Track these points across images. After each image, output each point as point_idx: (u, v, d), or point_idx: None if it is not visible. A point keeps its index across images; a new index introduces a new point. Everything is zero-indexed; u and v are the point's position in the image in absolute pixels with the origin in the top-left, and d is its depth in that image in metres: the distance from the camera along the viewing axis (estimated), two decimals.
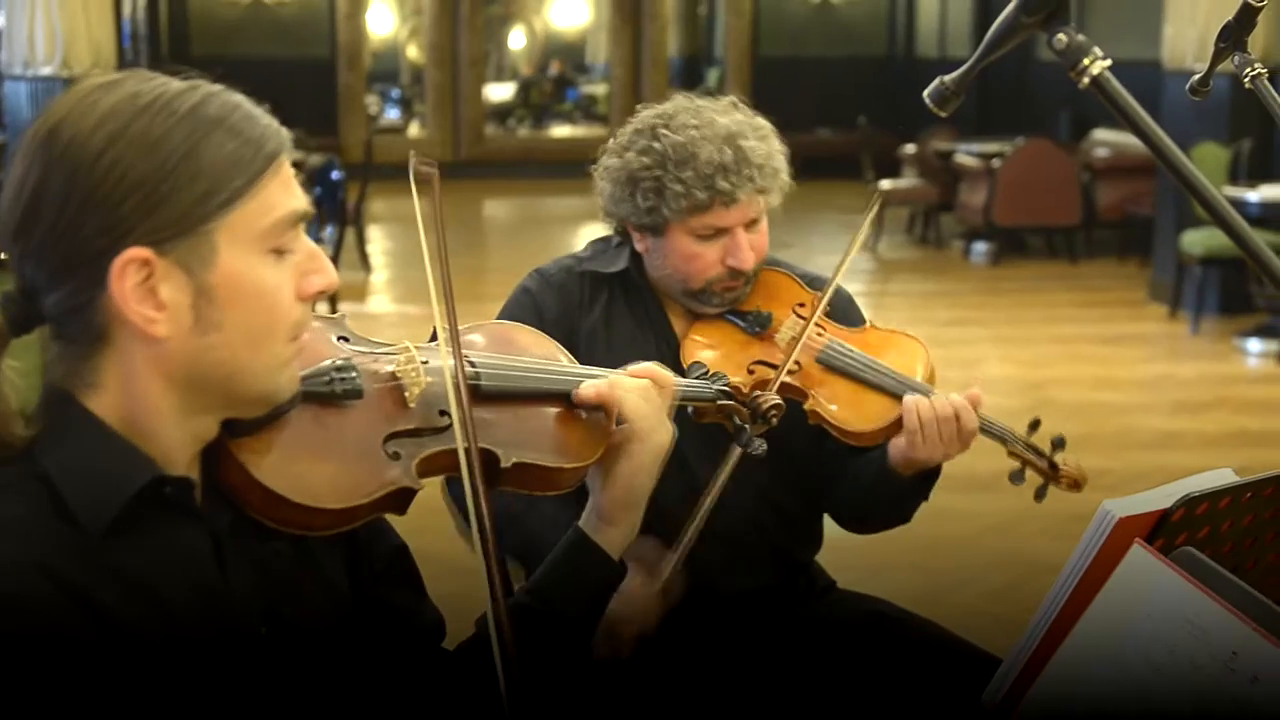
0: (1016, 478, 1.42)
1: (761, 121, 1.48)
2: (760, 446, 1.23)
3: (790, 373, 1.43)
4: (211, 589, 0.82)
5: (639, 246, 1.50)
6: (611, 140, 1.50)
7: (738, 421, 1.24)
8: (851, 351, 1.47)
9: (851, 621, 1.52)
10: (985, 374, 4.95)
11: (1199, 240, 5.48)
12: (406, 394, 0.93)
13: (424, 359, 0.97)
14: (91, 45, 5.55)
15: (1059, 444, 1.42)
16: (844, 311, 1.55)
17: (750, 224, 1.46)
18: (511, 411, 1.00)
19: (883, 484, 1.44)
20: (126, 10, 8.14)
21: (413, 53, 13.80)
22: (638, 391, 1.04)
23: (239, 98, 0.82)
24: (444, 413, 0.94)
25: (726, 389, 1.22)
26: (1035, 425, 1.44)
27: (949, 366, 5.53)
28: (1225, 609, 0.84)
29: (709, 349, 1.49)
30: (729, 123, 1.44)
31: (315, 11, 10.56)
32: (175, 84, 0.81)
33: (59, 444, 0.79)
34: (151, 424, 0.81)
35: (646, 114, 1.49)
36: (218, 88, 0.82)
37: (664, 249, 1.46)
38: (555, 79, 14.30)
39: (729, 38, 11.15)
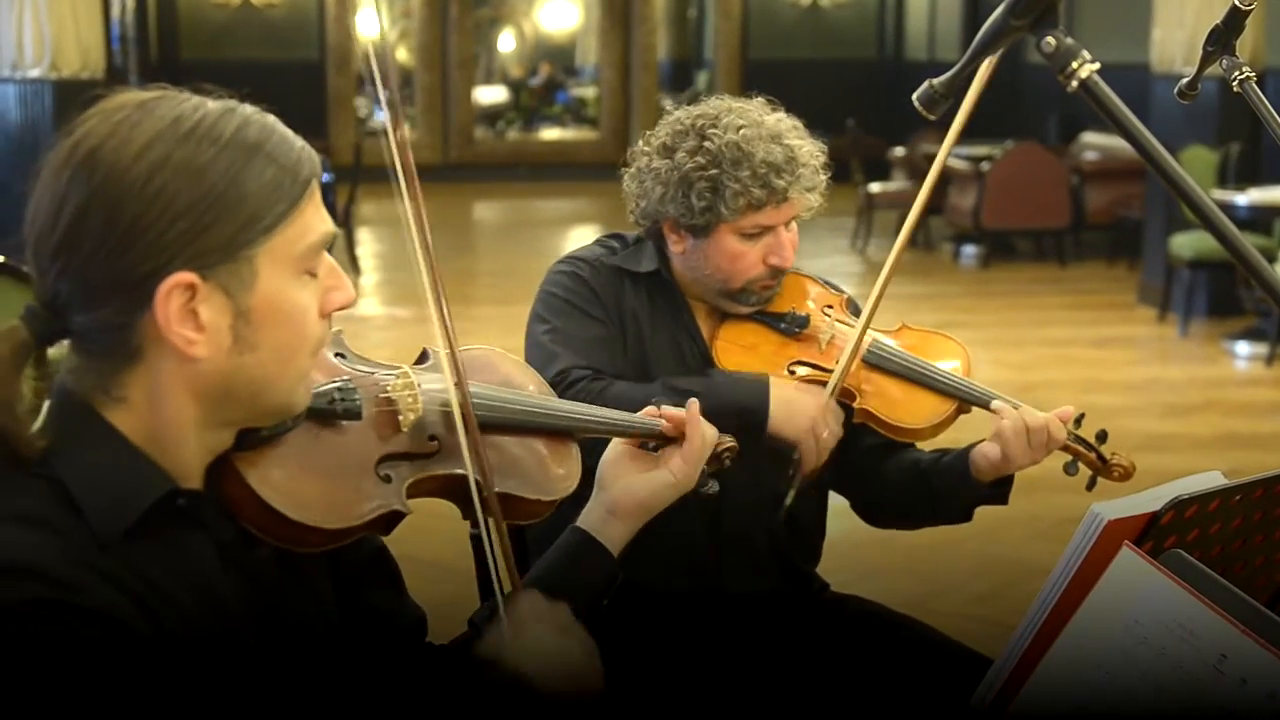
0: (1070, 468, 1.46)
1: (796, 121, 1.50)
2: (714, 486, 1.22)
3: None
4: (216, 597, 0.83)
5: (676, 248, 1.50)
6: (642, 143, 1.51)
7: None
8: (898, 351, 1.50)
9: (843, 622, 1.52)
10: (975, 376, 4.95)
11: (1188, 243, 5.50)
12: (401, 418, 0.94)
13: (418, 382, 0.98)
14: (80, 48, 5.52)
15: (1102, 437, 1.46)
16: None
17: (788, 223, 1.48)
18: (497, 442, 1.02)
19: (960, 490, 1.47)
20: (115, 12, 8.11)
21: (402, 55, 13.78)
22: (709, 433, 1.11)
23: (273, 120, 0.83)
24: (433, 438, 0.97)
25: None
26: (1080, 419, 1.46)
27: None
28: (1214, 612, 0.84)
29: (745, 350, 1.50)
30: (773, 122, 1.47)
31: (304, 14, 10.54)
32: (212, 106, 0.81)
33: (76, 453, 0.79)
34: (172, 439, 0.82)
35: (683, 115, 1.49)
36: (252, 110, 0.83)
37: (706, 250, 1.47)
38: (545, 82, 14.29)
39: (718, 40, 11.16)
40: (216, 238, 0.79)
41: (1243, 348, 5.21)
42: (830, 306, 1.53)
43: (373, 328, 5.86)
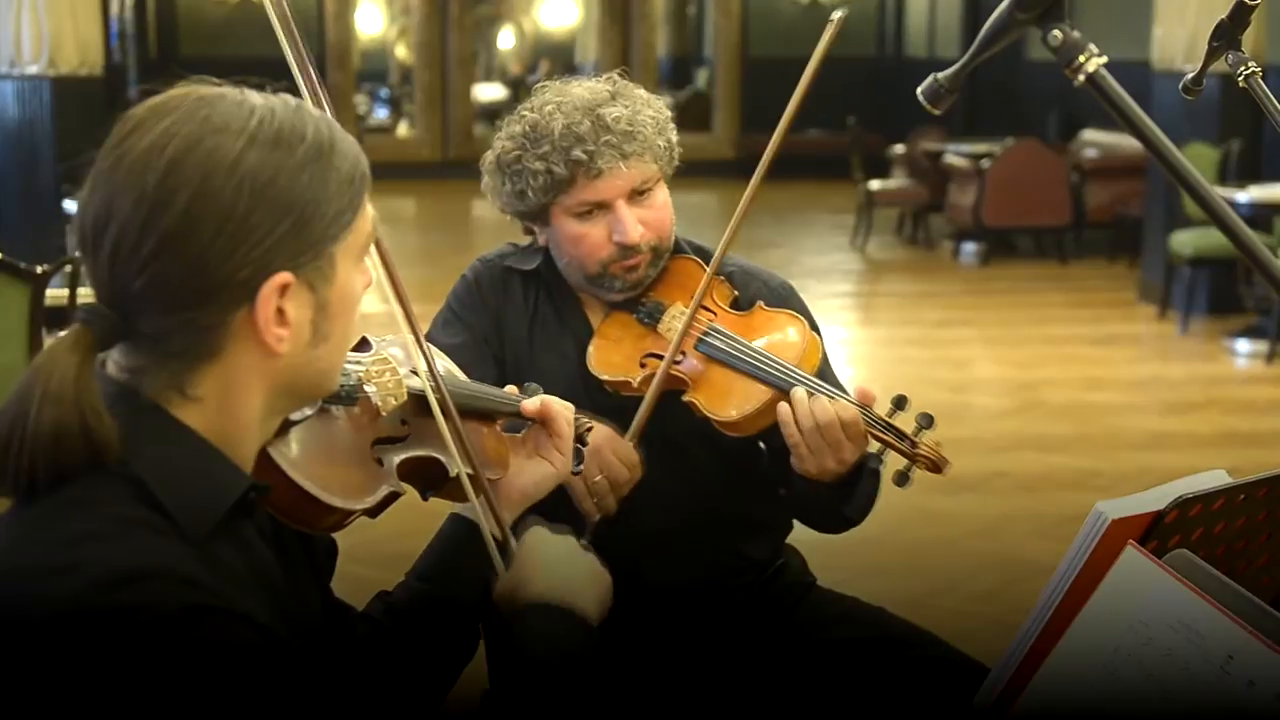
0: (873, 461, 1.35)
1: (638, 91, 1.41)
2: (580, 466, 1.22)
3: (676, 363, 1.39)
4: (279, 587, 0.85)
5: (541, 241, 1.47)
6: None
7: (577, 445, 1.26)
8: (728, 337, 1.41)
9: (830, 628, 1.49)
10: (975, 375, 4.96)
11: (1188, 241, 5.50)
12: (380, 403, 0.97)
13: (399, 367, 1.01)
14: (79, 44, 5.51)
15: (924, 424, 1.34)
16: (743, 299, 1.48)
17: (635, 196, 1.39)
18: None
19: (809, 491, 1.39)
20: (114, 9, 8.10)
21: (401, 52, 13.77)
22: (569, 414, 1.15)
23: (325, 113, 0.86)
24: (404, 422, 1.00)
25: None
26: (900, 402, 1.35)
27: (939, 367, 5.55)
28: (1221, 612, 0.84)
29: (612, 344, 1.45)
30: (586, 93, 1.38)
31: (303, 11, 10.52)
32: (279, 105, 0.82)
33: (152, 452, 0.79)
34: (239, 432, 0.83)
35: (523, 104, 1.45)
36: (308, 105, 0.85)
37: (555, 238, 1.43)
38: (544, 79, 14.26)
39: (718, 38, 11.15)
40: (310, 237, 0.80)
41: (1243, 345, 5.20)
42: (692, 302, 1.42)
43: (373, 325, 5.84)
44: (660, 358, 1.41)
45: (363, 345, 1.07)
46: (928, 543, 3.18)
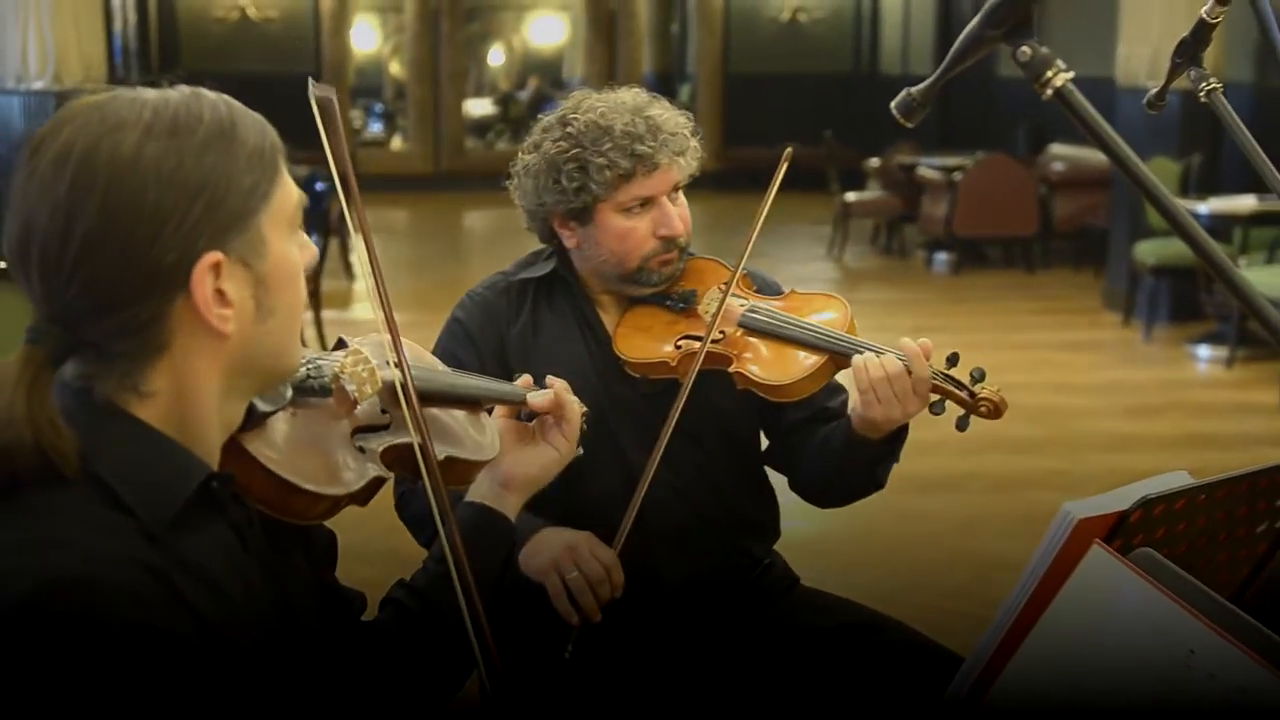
0: (937, 408, 1.43)
1: (664, 100, 1.51)
2: (579, 451, 1.23)
3: (715, 341, 1.46)
4: (249, 580, 0.84)
5: (568, 242, 1.51)
6: (520, 152, 1.53)
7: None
8: (769, 311, 1.50)
9: (814, 619, 1.52)
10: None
11: (1151, 250, 5.60)
12: (356, 393, 0.98)
13: (371, 357, 1.03)
14: (82, 59, 5.46)
15: (978, 376, 1.44)
16: (767, 290, 1.58)
17: (672, 192, 1.48)
18: (435, 413, 1.08)
19: (852, 449, 1.45)
20: (118, 25, 8.01)
21: (395, 68, 13.76)
22: (578, 406, 1.18)
23: (226, 96, 0.85)
24: (384, 410, 1.02)
25: None
26: (954, 359, 1.45)
27: None
28: (1183, 608, 0.86)
29: (641, 332, 1.51)
30: (630, 98, 1.49)
31: (301, 28, 10.54)
32: (170, 95, 0.83)
33: (110, 452, 0.80)
34: (198, 422, 0.83)
35: (549, 116, 1.52)
36: (205, 90, 0.85)
37: (595, 235, 1.48)
38: (533, 95, 14.30)
39: (700, 55, 11.20)
40: (228, 213, 0.81)
41: (1204, 351, 5.30)
42: (727, 283, 1.52)
43: (367, 332, 5.82)
44: (697, 338, 1.47)
45: (340, 346, 1.09)
46: (902, 541, 3.22)
